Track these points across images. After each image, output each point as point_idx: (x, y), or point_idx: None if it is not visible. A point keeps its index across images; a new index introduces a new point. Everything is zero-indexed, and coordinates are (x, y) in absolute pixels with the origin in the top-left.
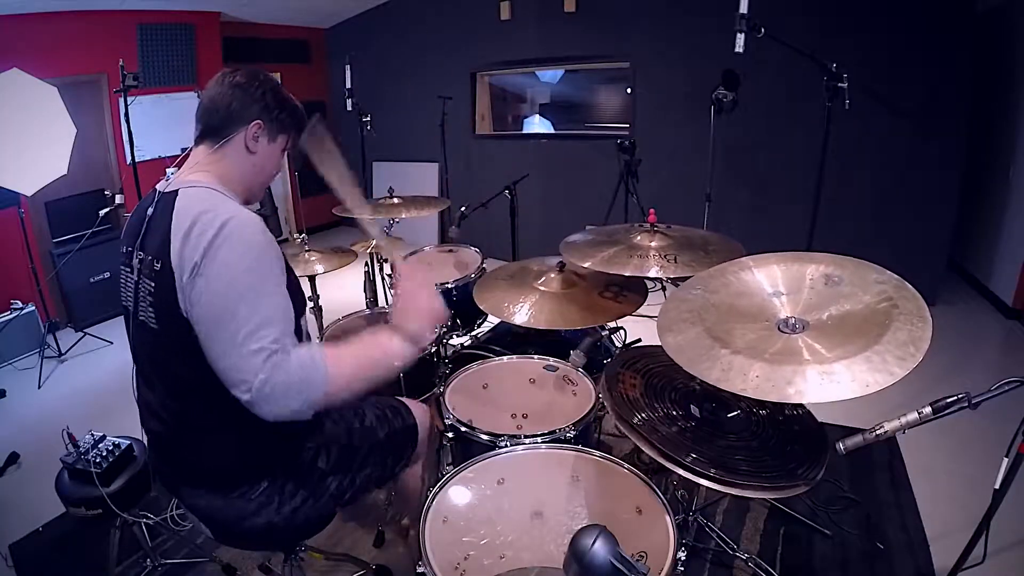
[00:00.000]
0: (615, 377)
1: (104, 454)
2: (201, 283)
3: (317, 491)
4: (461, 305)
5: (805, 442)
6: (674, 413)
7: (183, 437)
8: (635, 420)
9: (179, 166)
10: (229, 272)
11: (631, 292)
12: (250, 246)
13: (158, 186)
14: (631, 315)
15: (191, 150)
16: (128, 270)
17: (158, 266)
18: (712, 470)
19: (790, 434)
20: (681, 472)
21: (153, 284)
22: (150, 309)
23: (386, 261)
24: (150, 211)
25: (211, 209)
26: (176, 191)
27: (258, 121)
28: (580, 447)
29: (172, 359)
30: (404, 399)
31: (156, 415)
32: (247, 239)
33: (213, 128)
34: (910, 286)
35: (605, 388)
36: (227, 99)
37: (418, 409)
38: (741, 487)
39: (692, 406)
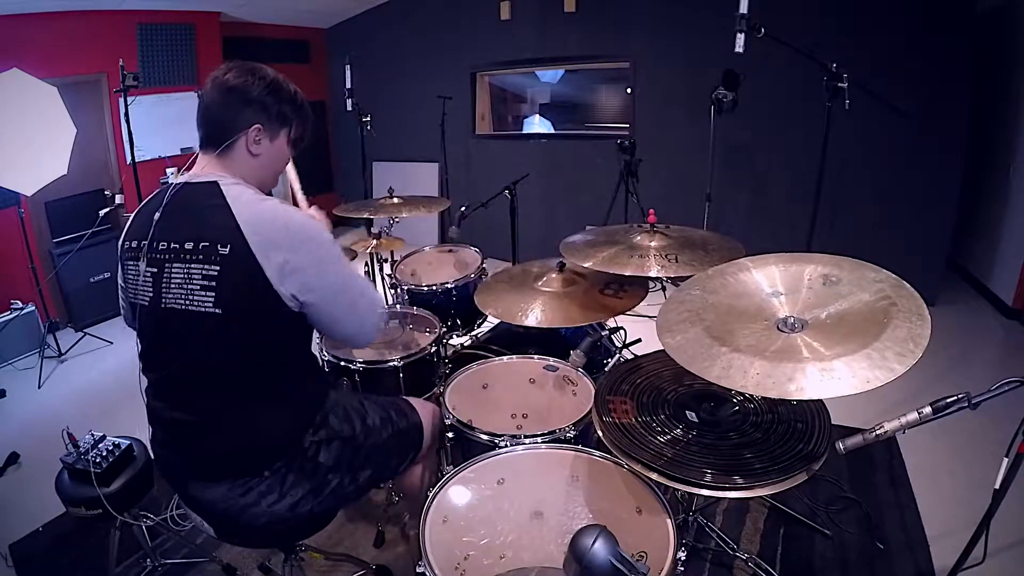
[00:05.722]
0: (605, 406)
1: (104, 454)
2: (309, 271)
3: (318, 487)
4: (461, 305)
5: (804, 417)
6: (676, 432)
7: (202, 421)
8: (639, 456)
9: (189, 168)
10: (328, 257)
11: (631, 288)
12: (325, 235)
13: (173, 179)
14: (631, 315)
15: (197, 154)
16: (137, 263)
17: (225, 250)
18: (736, 478)
19: (787, 413)
20: (705, 492)
21: (218, 268)
22: (205, 293)
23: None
24: (167, 199)
25: (269, 201)
26: (214, 181)
27: (256, 125)
28: (580, 447)
29: (226, 339)
30: (411, 398)
31: (177, 401)
32: (318, 228)
33: (213, 136)
34: (908, 285)
35: (598, 420)
36: (222, 106)
37: (424, 408)
38: (761, 486)
39: (688, 412)
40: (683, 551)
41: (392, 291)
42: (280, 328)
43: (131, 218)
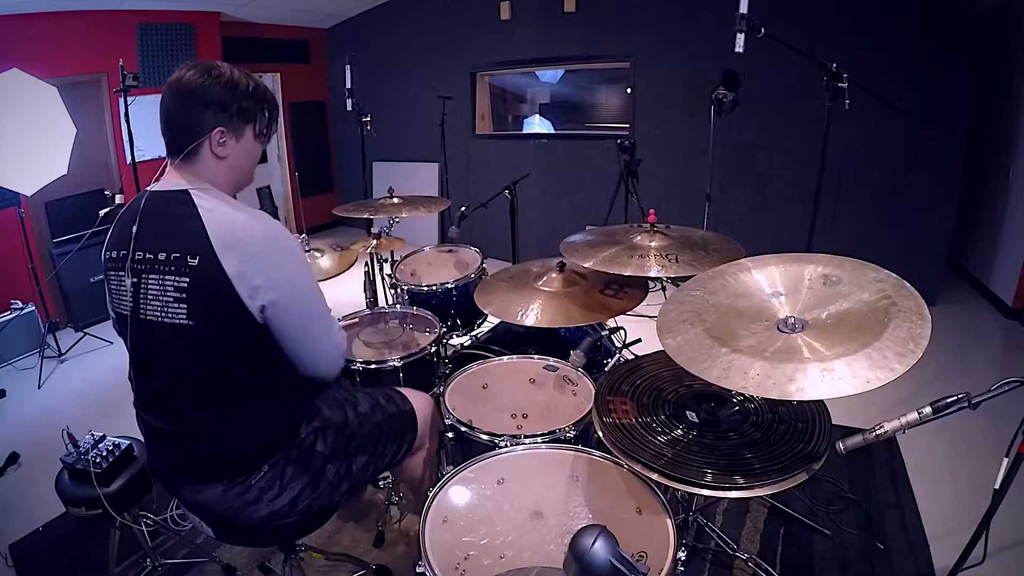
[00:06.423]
0: (605, 406)
1: (104, 454)
2: (275, 281)
3: (316, 478)
4: (461, 305)
5: (804, 417)
6: (676, 432)
7: (193, 430)
8: (639, 456)
9: (160, 176)
10: (298, 273)
11: (631, 289)
12: (295, 247)
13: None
14: (632, 315)
15: (167, 160)
16: (119, 273)
17: (195, 261)
18: (736, 478)
19: (788, 413)
20: (705, 492)
21: (188, 279)
22: (178, 305)
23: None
24: (141, 209)
25: (240, 211)
26: (184, 190)
27: (219, 128)
28: (580, 447)
29: (205, 350)
30: (403, 388)
31: (165, 413)
32: (289, 240)
33: (176, 143)
34: (908, 285)
35: (598, 420)
36: (180, 112)
37: (419, 398)
38: (761, 486)
39: (689, 412)
40: (683, 551)
41: (392, 291)
42: (256, 335)
43: (111, 228)
